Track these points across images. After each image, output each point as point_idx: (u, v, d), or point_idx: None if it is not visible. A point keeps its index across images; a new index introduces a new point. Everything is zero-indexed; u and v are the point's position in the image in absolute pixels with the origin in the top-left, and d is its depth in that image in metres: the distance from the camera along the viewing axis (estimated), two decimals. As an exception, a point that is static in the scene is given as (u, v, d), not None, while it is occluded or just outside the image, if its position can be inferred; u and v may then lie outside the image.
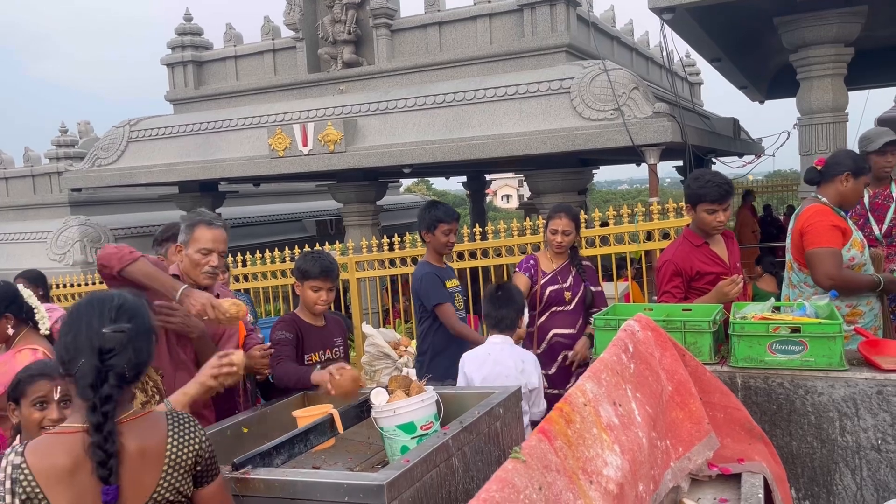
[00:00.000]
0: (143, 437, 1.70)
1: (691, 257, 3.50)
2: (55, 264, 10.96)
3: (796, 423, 2.76)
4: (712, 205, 3.45)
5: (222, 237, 2.99)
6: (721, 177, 3.52)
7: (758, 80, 12.17)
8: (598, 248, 6.35)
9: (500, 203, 54.30)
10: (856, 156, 3.63)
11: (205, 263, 2.92)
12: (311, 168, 8.88)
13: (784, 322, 2.85)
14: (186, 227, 2.98)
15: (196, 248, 2.92)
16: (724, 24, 7.74)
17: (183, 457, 1.74)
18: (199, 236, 2.93)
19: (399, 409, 2.50)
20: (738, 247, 3.75)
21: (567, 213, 4.12)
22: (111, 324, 1.68)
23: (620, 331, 2.05)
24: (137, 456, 1.67)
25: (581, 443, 1.45)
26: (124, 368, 1.66)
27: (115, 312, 1.71)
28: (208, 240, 2.93)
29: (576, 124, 7.47)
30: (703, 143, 8.57)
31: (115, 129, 10.84)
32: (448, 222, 4.24)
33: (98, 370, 1.64)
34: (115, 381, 1.65)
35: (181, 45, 10.67)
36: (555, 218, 4.13)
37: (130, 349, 1.68)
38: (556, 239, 4.10)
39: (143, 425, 1.72)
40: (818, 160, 3.59)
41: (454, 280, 4.35)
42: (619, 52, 10.46)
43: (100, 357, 1.65)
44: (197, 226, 2.96)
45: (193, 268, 2.93)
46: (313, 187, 15.58)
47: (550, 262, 4.19)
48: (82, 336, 1.67)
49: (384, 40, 9.15)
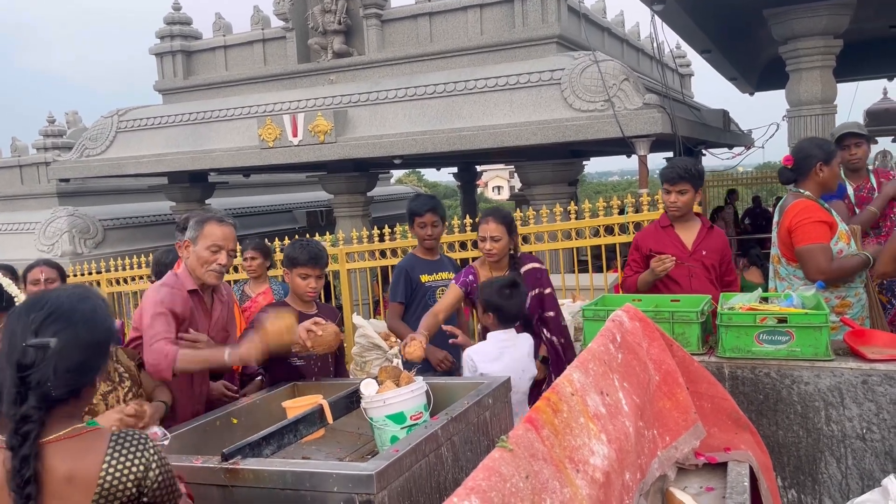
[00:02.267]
0: (73, 459, 1.51)
1: (652, 237, 3.78)
2: (44, 255, 10.89)
3: (783, 413, 2.79)
4: (666, 184, 3.68)
5: (232, 235, 2.96)
6: (683, 161, 3.71)
7: (748, 72, 12.21)
8: (587, 240, 6.38)
9: (492, 194, 54.30)
10: (820, 142, 3.67)
11: (213, 261, 2.89)
12: (301, 159, 8.85)
13: (771, 312, 2.87)
14: (196, 222, 2.95)
15: (206, 244, 2.88)
16: (714, 16, 7.76)
17: (119, 486, 1.52)
18: (209, 232, 2.90)
19: (389, 399, 2.50)
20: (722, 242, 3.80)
21: (495, 217, 3.66)
22: (33, 336, 1.52)
23: (608, 321, 2.07)
24: (63, 482, 1.49)
25: (568, 432, 1.46)
26: (48, 386, 1.49)
27: (38, 324, 1.54)
28: (219, 237, 2.90)
29: (566, 115, 7.47)
30: (693, 135, 8.59)
31: (104, 118, 10.77)
32: (420, 214, 4.07)
33: (17, 388, 1.49)
34: (36, 401, 1.48)
35: (170, 35, 10.60)
36: (482, 223, 3.68)
37: (53, 365, 1.50)
38: (486, 246, 3.64)
39: (75, 447, 1.53)
40: (786, 158, 3.62)
41: (444, 273, 4.16)
42: (610, 43, 10.46)
43: (18, 373, 1.49)
44: (207, 222, 2.93)
45: (201, 265, 2.89)
46: (303, 178, 15.54)
47: (490, 273, 3.74)
48: (6, 349, 1.53)
49: (374, 30, 9.12)
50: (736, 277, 3.88)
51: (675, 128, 7.31)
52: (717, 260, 3.71)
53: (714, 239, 3.75)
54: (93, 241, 11.24)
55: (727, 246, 3.82)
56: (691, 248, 3.69)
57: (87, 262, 9.56)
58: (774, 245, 3.68)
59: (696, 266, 3.65)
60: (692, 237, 3.72)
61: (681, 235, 3.73)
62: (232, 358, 2.73)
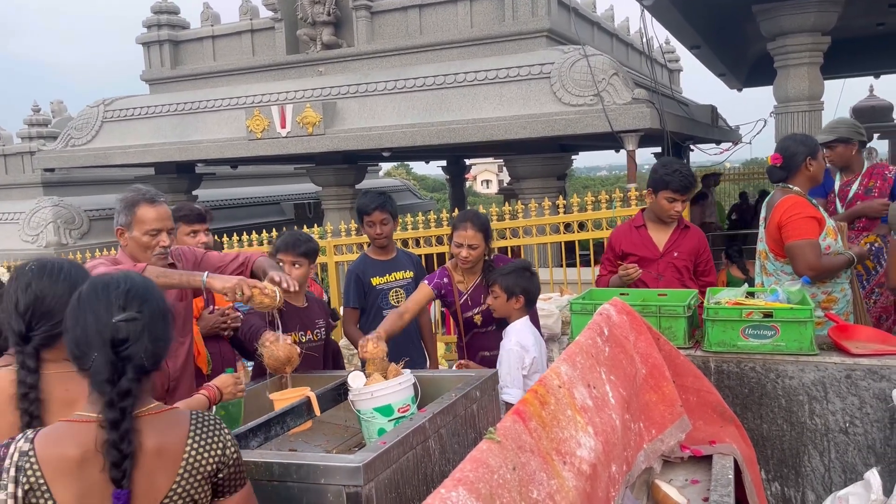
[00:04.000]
0: (162, 434, 1.54)
1: (624, 237, 3.72)
2: (28, 245, 10.80)
3: (767, 407, 2.81)
4: (674, 194, 3.54)
5: (167, 213, 2.79)
6: (688, 169, 3.59)
7: (736, 68, 12.26)
8: (575, 234, 6.40)
9: (481, 188, 54.28)
10: (802, 137, 3.69)
11: (155, 245, 2.73)
12: (289, 150, 8.82)
13: (757, 307, 2.89)
14: (125, 206, 2.74)
15: (143, 229, 2.71)
16: (703, 12, 7.78)
17: (203, 461, 1.56)
18: (143, 216, 2.71)
19: (376, 391, 2.51)
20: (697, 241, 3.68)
21: (473, 223, 3.49)
22: (121, 311, 1.55)
23: (596, 314, 2.07)
24: (154, 455, 1.52)
25: (555, 424, 1.46)
26: (142, 358, 1.53)
27: (123, 299, 1.57)
28: (154, 219, 2.72)
29: (555, 109, 7.48)
30: (682, 130, 8.63)
31: (90, 108, 10.67)
32: (368, 212, 3.89)
33: (113, 364, 1.51)
34: (133, 374, 1.52)
35: (157, 24, 10.51)
36: (459, 228, 3.51)
37: (146, 337, 1.55)
38: (462, 253, 3.50)
39: (164, 421, 1.57)
40: (773, 157, 3.63)
41: (399, 272, 3.99)
42: (600, 37, 10.47)
43: (114, 349, 1.52)
44: (138, 205, 2.72)
45: (143, 251, 2.73)
46: (292, 170, 15.47)
47: (462, 280, 3.63)
48: (91, 329, 1.54)
49: (364, 22, 9.08)
50: (714, 277, 3.77)
51: (664, 123, 7.33)
52: (690, 261, 3.63)
53: (688, 239, 3.65)
54: (78, 231, 11.16)
55: (704, 245, 3.70)
56: (662, 249, 3.62)
57: (73, 252, 9.49)
58: (762, 241, 3.70)
59: (667, 268, 3.59)
60: (664, 238, 3.64)
61: (653, 236, 3.64)
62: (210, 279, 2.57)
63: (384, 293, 3.93)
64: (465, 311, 3.62)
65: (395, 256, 4.07)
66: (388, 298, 3.92)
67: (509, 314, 3.36)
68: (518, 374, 3.18)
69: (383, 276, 3.95)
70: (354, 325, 3.92)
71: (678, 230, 3.67)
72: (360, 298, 3.91)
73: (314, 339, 3.38)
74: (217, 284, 2.59)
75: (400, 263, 4.05)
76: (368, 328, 3.85)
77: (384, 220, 3.92)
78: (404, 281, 4.00)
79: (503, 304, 3.34)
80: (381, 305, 3.91)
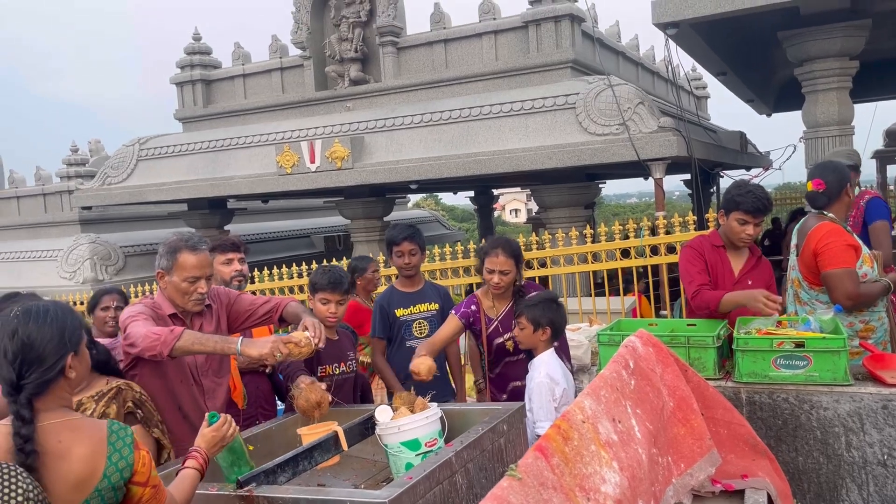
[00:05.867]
0: None
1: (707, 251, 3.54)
2: (65, 282, 11.03)
3: (802, 439, 2.75)
4: (745, 215, 3.43)
5: (208, 261, 2.84)
6: (763, 191, 3.47)
7: (764, 94, 12.18)
8: (603, 263, 6.36)
9: (509, 218, 54.31)
10: (840, 165, 3.66)
11: (193, 291, 2.78)
12: (318, 184, 8.94)
13: (788, 337, 2.84)
14: (167, 251, 2.81)
15: (182, 276, 2.76)
16: (728, 39, 7.77)
17: None
18: (184, 263, 2.77)
19: (403, 426, 2.50)
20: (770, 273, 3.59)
21: (504, 250, 3.51)
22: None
23: (621, 347, 2.06)
24: None
25: (578, 460, 1.45)
26: None
27: None
28: (194, 266, 2.77)
29: (581, 139, 7.50)
30: (710, 157, 8.57)
31: (125, 147, 10.95)
32: (398, 243, 3.95)
33: None
34: None
35: (190, 65, 10.80)
36: (490, 255, 3.51)
37: None
38: (493, 279, 3.51)
39: None
40: (816, 182, 3.57)
41: (424, 304, 4.03)
42: (625, 67, 10.50)
43: None
44: (180, 251, 2.78)
45: (181, 295, 2.79)
46: (321, 203, 15.66)
47: (493, 306, 3.62)
48: None
49: (390, 58, 9.23)
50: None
51: (691, 150, 7.30)
52: None
53: (762, 270, 3.56)
54: (114, 267, 11.38)
55: (773, 279, 3.60)
56: (737, 275, 3.52)
57: (108, 288, 9.66)
58: (794, 268, 3.64)
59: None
60: (740, 263, 3.55)
61: (731, 260, 3.54)
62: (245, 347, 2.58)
63: (408, 325, 3.98)
64: (496, 336, 3.61)
65: (421, 288, 4.12)
66: (411, 330, 3.98)
67: (535, 346, 3.34)
68: (550, 407, 3.15)
69: (407, 308, 4.00)
70: (381, 355, 4.00)
71: (753, 259, 3.56)
72: (386, 329, 3.99)
73: (346, 371, 3.41)
74: (253, 352, 2.60)
75: (426, 295, 4.09)
76: (392, 359, 3.98)
77: (412, 250, 3.99)
78: (429, 313, 4.04)
79: (529, 336, 3.33)
80: (404, 336, 3.97)
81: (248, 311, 3.08)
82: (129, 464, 1.77)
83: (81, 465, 1.71)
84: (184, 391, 2.82)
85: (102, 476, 1.73)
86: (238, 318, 3.08)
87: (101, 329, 4.05)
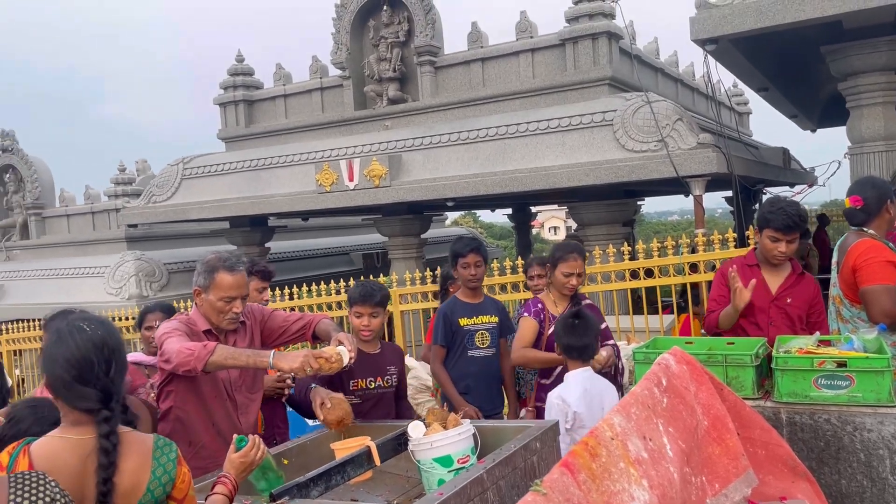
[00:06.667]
0: None
1: (739, 273, 3.49)
2: (112, 298, 11.32)
3: (845, 461, 2.67)
4: (776, 232, 3.40)
5: (244, 281, 2.91)
6: (794, 207, 3.40)
7: (808, 109, 11.98)
8: (642, 281, 6.29)
9: (548, 235, 54.06)
10: (881, 181, 3.62)
11: (228, 310, 2.85)
12: (356, 203, 9.04)
13: (829, 356, 2.78)
14: (205, 270, 2.88)
15: (218, 295, 2.84)
16: (769, 54, 7.68)
17: None
18: (220, 282, 2.84)
19: (435, 442, 2.51)
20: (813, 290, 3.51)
21: (579, 253, 3.90)
22: None
23: (654, 364, 2.04)
24: None
25: (606, 477, 1.44)
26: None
27: None
28: (230, 286, 2.85)
29: (619, 156, 7.46)
30: (751, 174, 8.44)
31: (170, 166, 11.23)
32: (464, 254, 4.07)
33: None
34: None
35: (233, 86, 11.04)
36: (568, 259, 3.85)
37: None
38: (571, 282, 3.85)
39: None
40: (854, 199, 3.49)
41: (485, 316, 4.14)
42: (664, 83, 10.43)
43: None
44: (217, 271, 2.85)
45: (216, 314, 2.86)
46: (359, 221, 15.80)
47: (556, 306, 3.92)
48: None
49: (428, 77, 9.32)
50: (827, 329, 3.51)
51: (731, 167, 7.20)
52: (803, 310, 3.46)
53: (804, 287, 3.49)
54: (158, 283, 11.64)
55: (818, 295, 3.51)
56: (775, 293, 3.46)
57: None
58: (835, 286, 3.56)
59: (778, 314, 3.44)
60: (778, 282, 3.48)
61: (767, 278, 3.49)
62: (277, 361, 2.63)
63: (471, 334, 4.07)
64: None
65: (482, 301, 4.24)
66: (474, 340, 4.06)
67: (566, 364, 3.40)
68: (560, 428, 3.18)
69: (471, 318, 4.10)
70: (440, 363, 4.08)
71: (793, 276, 3.50)
72: (448, 337, 4.07)
73: (384, 385, 3.43)
74: (284, 365, 2.65)
75: (487, 308, 4.21)
76: (452, 368, 4.07)
77: (478, 262, 4.11)
78: (490, 325, 4.13)
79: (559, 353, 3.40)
80: (466, 346, 4.06)
81: (281, 328, 3.13)
82: (171, 478, 1.82)
83: (127, 478, 1.75)
84: (218, 407, 2.87)
85: (146, 489, 1.78)
86: (272, 335, 3.13)
87: (148, 347, 4.15)
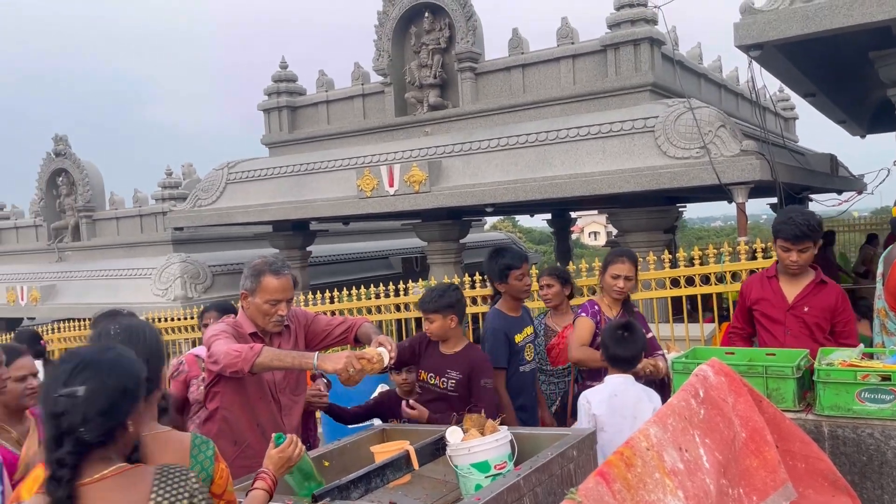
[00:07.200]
0: (119, 493, 1.57)
1: (756, 286, 3.62)
2: (158, 299, 11.61)
3: (888, 476, 2.63)
4: (786, 242, 3.40)
5: (289, 284, 2.96)
6: (804, 217, 3.38)
7: (857, 115, 11.70)
8: (682, 289, 6.24)
9: (588, 240, 53.65)
10: None
11: (274, 313, 2.92)
12: (396, 208, 9.12)
13: (873, 370, 2.74)
14: (252, 273, 2.94)
15: (264, 298, 2.90)
16: (815, 60, 7.54)
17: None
18: (266, 286, 2.90)
19: (473, 447, 2.55)
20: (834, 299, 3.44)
21: (629, 258, 3.87)
22: (63, 387, 1.59)
23: (692, 375, 2.05)
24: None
25: (641, 486, 1.46)
26: (80, 431, 1.55)
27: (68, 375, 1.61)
28: (276, 289, 2.90)
29: (660, 163, 7.40)
30: (796, 181, 8.30)
31: (215, 171, 11.48)
32: (518, 266, 3.93)
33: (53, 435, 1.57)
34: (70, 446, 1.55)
35: (277, 92, 11.25)
36: (616, 262, 3.84)
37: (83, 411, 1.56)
38: (619, 284, 3.81)
39: (119, 483, 1.59)
40: None
41: (528, 328, 4.01)
42: (707, 88, 10.31)
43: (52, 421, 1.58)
44: (264, 275, 2.91)
45: (262, 316, 2.93)
46: (399, 226, 15.93)
47: (610, 309, 3.89)
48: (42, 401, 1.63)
49: (468, 83, 9.37)
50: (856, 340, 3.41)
51: (775, 174, 7.09)
52: (824, 319, 3.41)
53: (824, 295, 3.43)
54: (202, 285, 11.90)
55: (843, 303, 3.45)
56: (791, 302, 3.44)
57: (197, 305, 10.13)
58: (880, 297, 3.51)
59: (795, 322, 3.41)
60: (796, 291, 3.46)
61: (784, 288, 3.49)
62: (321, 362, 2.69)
63: (521, 350, 3.89)
64: None
65: (522, 313, 4.09)
66: (523, 355, 3.89)
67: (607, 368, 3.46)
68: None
69: (521, 332, 3.93)
70: (504, 386, 3.77)
71: (813, 284, 3.47)
72: (507, 357, 3.81)
73: (440, 386, 3.47)
74: (328, 366, 2.71)
75: (526, 319, 4.08)
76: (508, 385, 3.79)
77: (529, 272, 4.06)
78: (531, 337, 4.02)
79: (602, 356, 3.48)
80: (519, 363, 3.86)
81: (324, 331, 3.20)
82: (209, 475, 1.87)
83: None
84: (262, 408, 2.95)
85: None
86: (315, 338, 3.20)
87: None
